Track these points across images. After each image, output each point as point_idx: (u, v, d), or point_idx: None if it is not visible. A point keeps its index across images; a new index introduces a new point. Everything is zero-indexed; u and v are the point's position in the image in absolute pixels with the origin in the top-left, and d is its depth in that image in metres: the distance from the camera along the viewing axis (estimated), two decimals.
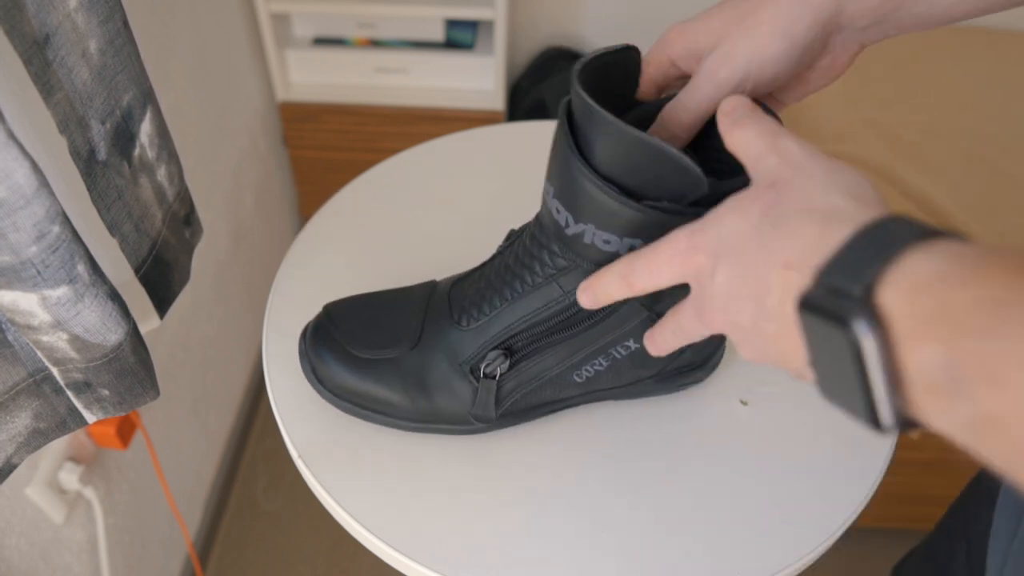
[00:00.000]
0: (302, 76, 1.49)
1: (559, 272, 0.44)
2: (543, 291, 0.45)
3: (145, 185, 0.63)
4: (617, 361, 0.49)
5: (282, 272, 0.63)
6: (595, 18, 1.68)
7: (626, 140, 0.37)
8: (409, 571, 0.48)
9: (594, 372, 0.49)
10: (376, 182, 0.71)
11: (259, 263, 1.50)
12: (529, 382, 0.49)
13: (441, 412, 0.50)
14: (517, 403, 0.50)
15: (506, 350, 0.48)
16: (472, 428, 0.51)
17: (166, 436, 1.14)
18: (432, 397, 0.50)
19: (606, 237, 0.40)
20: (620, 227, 0.40)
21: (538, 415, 0.53)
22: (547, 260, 0.45)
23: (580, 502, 0.50)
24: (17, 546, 0.82)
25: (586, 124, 0.39)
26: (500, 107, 1.48)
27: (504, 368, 0.48)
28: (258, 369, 1.57)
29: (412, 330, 0.50)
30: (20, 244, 0.44)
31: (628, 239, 0.40)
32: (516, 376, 0.49)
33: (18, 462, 0.59)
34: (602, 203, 0.39)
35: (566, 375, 0.49)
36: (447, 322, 0.49)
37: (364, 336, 0.51)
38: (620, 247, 0.40)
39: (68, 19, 0.50)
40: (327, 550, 1.38)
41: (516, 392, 0.50)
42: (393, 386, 0.50)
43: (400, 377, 0.50)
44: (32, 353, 0.55)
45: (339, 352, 0.51)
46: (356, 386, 0.51)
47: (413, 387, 0.50)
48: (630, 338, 0.47)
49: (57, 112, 0.51)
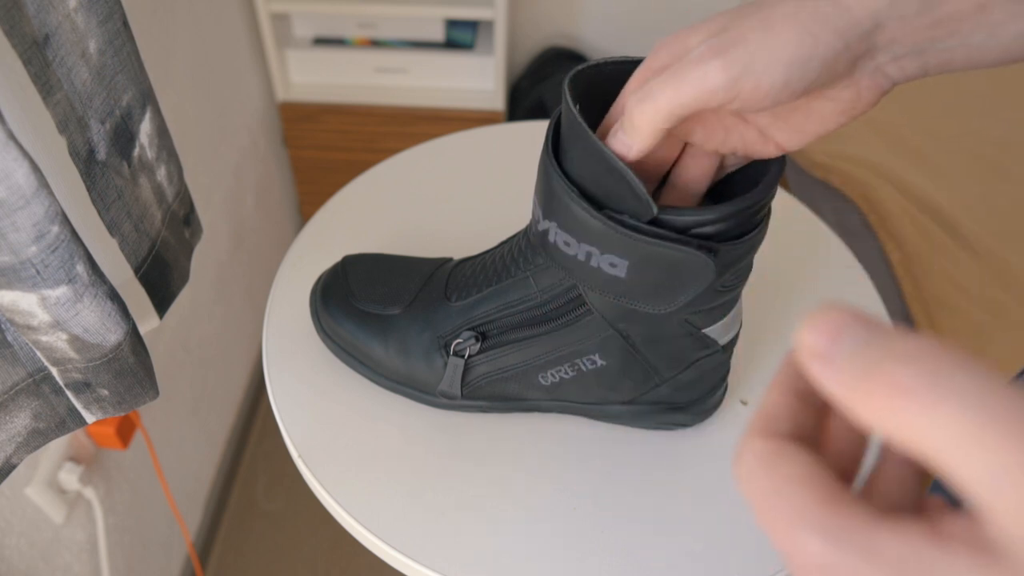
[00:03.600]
0: (302, 76, 1.49)
1: (536, 269, 0.45)
2: (520, 285, 0.47)
3: (145, 185, 0.63)
4: (583, 374, 0.49)
5: (282, 272, 0.63)
6: (595, 18, 1.68)
7: (590, 148, 0.36)
8: (409, 571, 0.48)
9: (559, 379, 0.50)
10: (376, 182, 0.71)
11: (259, 263, 1.50)
12: (496, 372, 0.50)
13: (415, 378, 0.52)
14: (482, 389, 0.51)
15: (480, 334, 0.49)
16: (438, 402, 0.53)
17: (166, 436, 1.14)
18: (410, 362, 0.52)
19: (566, 238, 0.40)
20: (579, 231, 0.39)
21: (508, 408, 0.53)
22: (528, 256, 0.46)
23: (580, 501, 0.50)
24: (17, 546, 0.82)
25: (566, 129, 0.38)
26: (500, 107, 1.48)
27: (474, 350, 0.49)
28: (258, 369, 1.57)
29: (409, 295, 0.53)
30: (19, 244, 0.44)
31: (585, 245, 0.39)
32: (485, 362, 0.50)
33: (17, 462, 0.59)
34: (565, 204, 0.39)
35: (531, 374, 0.50)
36: (439, 296, 0.51)
37: (368, 291, 0.54)
38: (578, 251, 0.40)
39: (68, 19, 0.50)
40: (327, 550, 1.38)
41: (483, 379, 0.51)
42: (379, 342, 0.52)
43: (386, 335, 0.52)
44: (31, 353, 0.55)
45: (341, 300, 0.54)
46: (348, 335, 0.53)
47: (395, 347, 0.52)
48: (595, 353, 0.47)
49: (57, 112, 0.51)
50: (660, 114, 0.33)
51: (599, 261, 0.40)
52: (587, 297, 0.44)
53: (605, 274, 0.40)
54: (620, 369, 0.48)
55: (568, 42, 1.72)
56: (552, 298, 0.46)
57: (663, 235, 0.37)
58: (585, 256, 0.40)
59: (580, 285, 0.43)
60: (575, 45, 1.72)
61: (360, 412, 0.54)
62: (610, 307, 0.44)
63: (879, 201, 1.25)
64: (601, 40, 1.71)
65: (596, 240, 0.39)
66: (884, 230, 1.22)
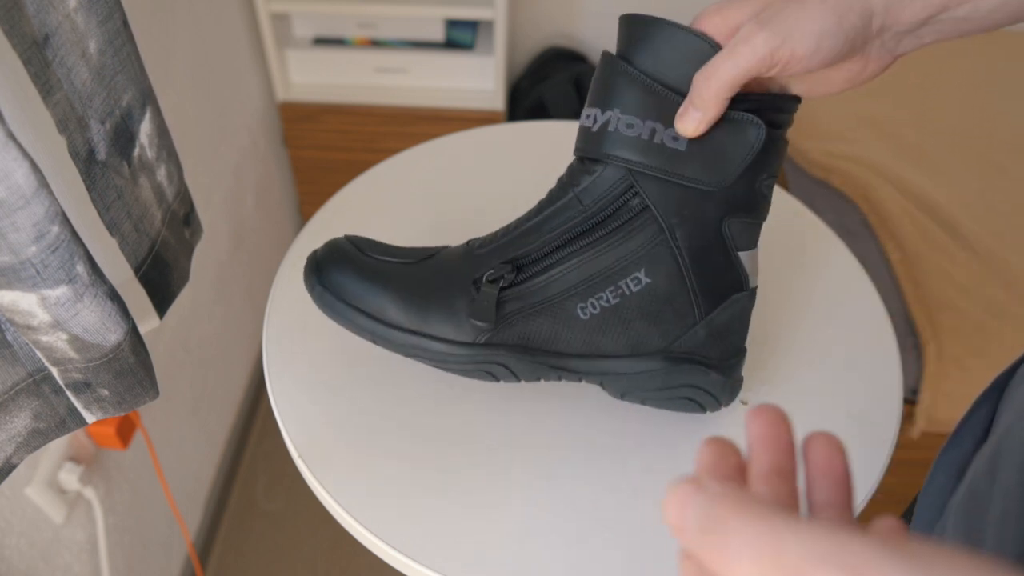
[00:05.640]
0: (302, 76, 1.49)
1: (581, 187, 0.47)
2: (565, 208, 0.47)
3: (145, 185, 0.63)
4: (626, 300, 0.47)
5: (282, 272, 0.63)
6: (595, 18, 1.68)
7: (666, 31, 0.42)
8: (409, 571, 0.48)
9: (599, 309, 0.48)
10: (376, 182, 0.71)
11: (259, 263, 1.50)
12: (531, 306, 0.48)
13: (431, 325, 0.49)
14: (514, 326, 0.49)
15: (516, 268, 0.48)
16: (455, 351, 0.49)
17: (166, 436, 1.14)
18: (427, 308, 0.49)
19: (629, 120, 0.44)
20: (645, 107, 0.43)
21: (535, 370, 0.50)
22: (564, 178, 0.48)
23: (580, 501, 0.50)
24: (17, 546, 0.82)
25: (634, 37, 0.44)
26: (500, 107, 1.48)
27: (509, 279, 0.48)
28: (258, 369, 1.57)
29: (428, 252, 0.52)
30: (19, 244, 0.44)
31: (650, 122, 0.43)
32: (519, 298, 0.48)
33: (17, 462, 0.59)
34: (630, 88, 0.43)
35: (570, 306, 0.48)
36: (461, 248, 0.51)
37: (376, 247, 0.52)
38: (642, 130, 0.44)
39: (67, 19, 0.50)
40: (327, 550, 1.38)
41: (516, 315, 0.48)
42: (392, 289, 0.49)
43: (402, 282, 0.50)
44: (31, 353, 0.55)
45: (347, 254, 0.51)
46: (354, 287, 0.50)
47: (411, 294, 0.49)
48: (641, 268, 0.47)
49: (56, 112, 0.51)
50: (725, 86, 0.40)
51: (662, 136, 0.43)
52: (642, 188, 0.45)
53: (667, 149, 0.44)
54: (664, 292, 0.47)
55: (568, 42, 1.72)
56: (601, 207, 0.46)
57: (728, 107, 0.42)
58: (649, 133, 0.44)
59: (637, 174, 0.45)
60: (575, 45, 1.72)
61: (360, 412, 0.54)
62: (666, 194, 0.45)
63: (879, 201, 1.25)
64: (601, 40, 1.71)
65: (660, 116, 0.43)
66: (884, 230, 1.22)
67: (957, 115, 1.43)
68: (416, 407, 0.54)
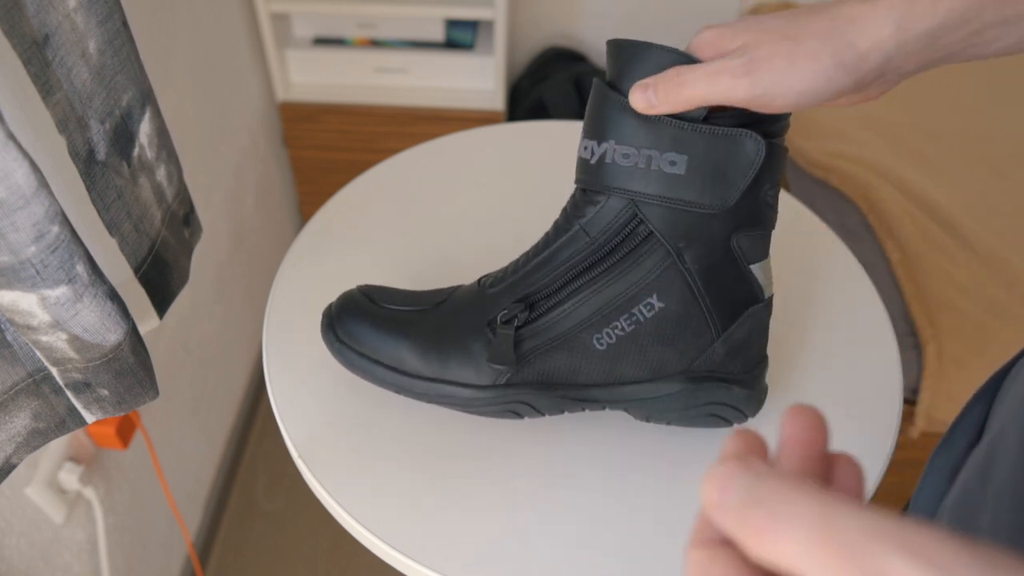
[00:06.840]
0: (302, 76, 1.49)
1: (586, 218, 0.46)
2: (572, 241, 0.47)
3: (144, 185, 0.63)
4: (641, 326, 0.47)
5: (282, 272, 0.63)
6: (595, 18, 1.68)
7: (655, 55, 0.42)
8: (409, 571, 0.48)
9: (615, 339, 0.48)
10: (376, 182, 0.71)
11: (259, 263, 1.50)
12: (547, 342, 0.48)
13: (451, 371, 0.50)
14: (532, 365, 0.49)
15: (528, 305, 0.48)
16: (478, 395, 0.50)
17: (166, 436, 1.14)
18: (446, 355, 0.50)
19: (625, 151, 0.43)
20: (638, 137, 0.43)
21: (556, 404, 0.51)
22: (569, 210, 0.47)
23: (580, 502, 0.50)
24: (17, 546, 0.82)
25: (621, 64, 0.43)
26: (500, 107, 1.48)
27: (523, 319, 0.48)
28: (258, 369, 1.57)
29: (439, 296, 0.52)
30: (19, 244, 0.44)
31: (645, 150, 0.43)
32: (535, 335, 0.48)
33: (17, 462, 0.59)
34: (623, 119, 0.43)
35: (586, 338, 0.48)
36: (473, 289, 0.51)
37: (390, 297, 0.52)
38: (638, 159, 0.43)
39: (67, 19, 0.50)
40: (327, 550, 1.38)
41: (532, 354, 0.49)
42: (409, 339, 0.50)
43: (418, 330, 0.50)
44: (31, 353, 0.55)
45: (361, 306, 0.52)
46: (372, 339, 0.51)
47: (428, 342, 0.50)
48: (653, 293, 0.46)
49: (56, 112, 0.51)
50: (690, 100, 0.40)
51: (659, 162, 0.43)
52: (645, 215, 0.45)
53: (666, 175, 0.43)
54: (678, 314, 0.47)
55: (568, 42, 1.72)
56: (608, 237, 0.46)
57: (717, 122, 0.42)
58: (646, 161, 0.43)
59: (639, 201, 0.44)
60: (575, 45, 1.72)
61: (360, 412, 0.54)
62: (670, 219, 0.45)
63: (879, 201, 1.25)
64: (601, 40, 1.71)
65: (655, 143, 0.43)
66: (884, 230, 1.21)
67: (957, 115, 1.43)
68: (416, 407, 0.54)
